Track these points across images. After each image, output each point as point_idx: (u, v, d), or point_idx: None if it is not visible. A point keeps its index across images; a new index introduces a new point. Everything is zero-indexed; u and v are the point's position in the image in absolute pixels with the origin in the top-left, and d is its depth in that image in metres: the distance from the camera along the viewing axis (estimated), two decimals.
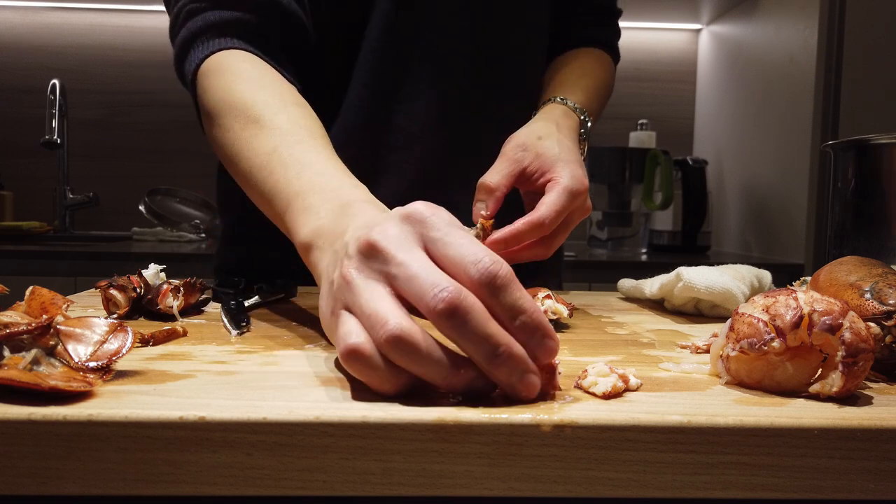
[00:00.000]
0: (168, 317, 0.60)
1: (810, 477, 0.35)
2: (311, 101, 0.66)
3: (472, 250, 0.37)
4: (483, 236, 0.63)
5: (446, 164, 0.84)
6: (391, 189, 0.83)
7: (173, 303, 0.60)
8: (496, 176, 0.68)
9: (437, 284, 0.35)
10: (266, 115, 0.58)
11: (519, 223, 0.64)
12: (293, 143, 0.55)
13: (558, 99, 0.80)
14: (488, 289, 0.36)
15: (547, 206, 0.64)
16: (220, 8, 0.66)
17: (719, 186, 2.20)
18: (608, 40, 0.98)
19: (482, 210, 0.67)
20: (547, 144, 0.69)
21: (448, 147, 0.84)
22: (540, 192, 0.68)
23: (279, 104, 0.59)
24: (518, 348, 0.36)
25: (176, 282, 0.62)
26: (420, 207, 0.39)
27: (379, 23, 0.80)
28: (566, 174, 0.67)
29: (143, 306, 0.61)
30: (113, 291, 0.60)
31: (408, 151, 0.83)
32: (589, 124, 0.79)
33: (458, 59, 0.84)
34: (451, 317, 0.35)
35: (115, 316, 0.60)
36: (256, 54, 0.66)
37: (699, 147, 2.36)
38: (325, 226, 0.46)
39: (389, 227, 0.39)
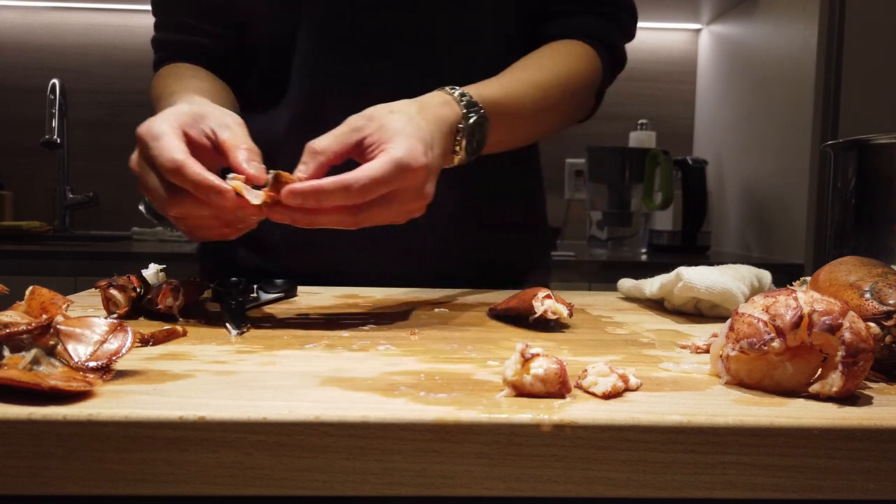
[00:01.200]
0: (168, 317, 0.60)
1: (810, 477, 0.35)
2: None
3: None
4: (275, 187, 0.56)
5: None
6: None
7: (173, 303, 0.60)
8: (327, 140, 0.60)
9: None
10: (166, 91, 0.79)
11: (325, 180, 0.56)
12: (170, 95, 0.75)
13: (447, 88, 0.70)
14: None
15: (362, 169, 0.56)
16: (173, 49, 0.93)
17: (719, 186, 2.20)
18: (599, 33, 0.87)
19: (300, 173, 0.58)
20: (394, 118, 0.61)
21: None
22: None
23: (175, 79, 0.82)
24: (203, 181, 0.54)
25: (176, 282, 0.62)
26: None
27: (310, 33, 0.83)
28: (400, 146, 0.58)
29: (143, 306, 0.61)
30: (113, 291, 0.60)
31: None
32: (472, 119, 0.68)
33: (393, 71, 0.83)
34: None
35: (115, 316, 0.60)
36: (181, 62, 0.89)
37: (699, 147, 2.36)
38: None
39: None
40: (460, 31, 0.85)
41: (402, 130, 0.60)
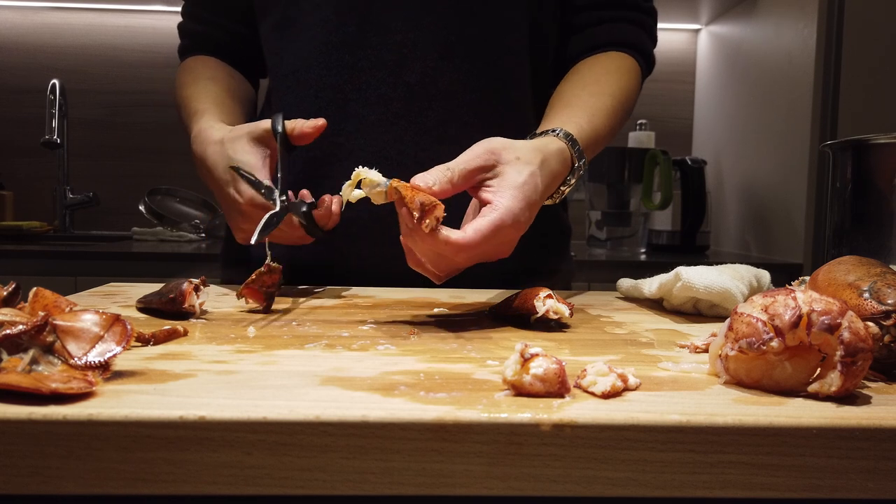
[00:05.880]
0: (181, 315, 0.61)
1: (809, 476, 0.35)
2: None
3: None
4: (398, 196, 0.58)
5: (409, 153, 0.83)
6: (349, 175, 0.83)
7: (196, 301, 0.61)
8: (459, 166, 0.62)
9: None
10: (184, 93, 0.89)
11: (445, 232, 0.58)
12: (189, 102, 0.86)
13: (562, 134, 0.72)
14: None
15: (467, 231, 0.59)
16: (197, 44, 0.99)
17: (718, 186, 2.20)
18: (638, 43, 0.89)
19: (428, 183, 0.59)
20: (516, 170, 0.63)
21: (409, 136, 0.84)
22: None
23: (192, 79, 0.90)
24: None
25: (198, 281, 0.62)
26: None
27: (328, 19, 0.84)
28: (507, 206, 0.60)
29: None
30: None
31: (364, 139, 0.84)
32: (581, 172, 0.73)
33: (419, 49, 0.83)
34: None
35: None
36: (206, 56, 0.97)
37: (698, 147, 2.36)
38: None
39: None
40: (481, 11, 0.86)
41: (520, 188, 0.62)
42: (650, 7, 0.93)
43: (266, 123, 0.74)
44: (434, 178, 0.59)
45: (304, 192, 0.75)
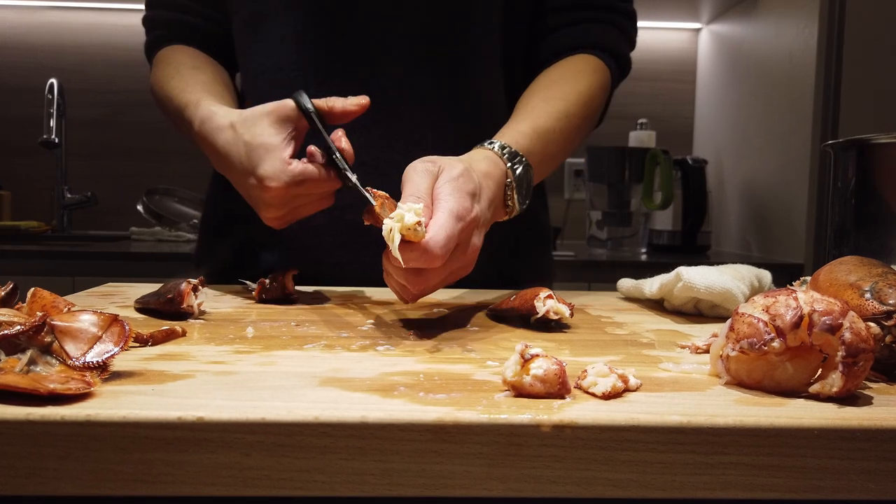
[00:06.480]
0: (181, 315, 0.60)
1: (810, 477, 0.35)
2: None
3: None
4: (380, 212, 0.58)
5: (384, 157, 0.82)
6: None
7: (194, 302, 0.60)
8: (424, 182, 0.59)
9: None
10: (169, 86, 0.86)
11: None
12: (178, 93, 0.83)
13: (485, 144, 0.70)
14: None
15: (434, 229, 0.54)
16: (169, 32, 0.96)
17: (719, 186, 2.20)
18: (608, 44, 0.87)
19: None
20: (450, 165, 0.61)
21: (383, 140, 0.83)
22: None
23: (174, 70, 0.87)
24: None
25: (196, 281, 0.62)
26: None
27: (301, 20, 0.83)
28: (450, 200, 0.57)
29: (172, 307, 0.61)
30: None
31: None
32: (518, 171, 0.69)
33: (393, 53, 0.82)
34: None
35: None
36: (181, 45, 0.93)
37: (699, 146, 2.36)
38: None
39: None
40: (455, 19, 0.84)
41: (455, 180, 0.59)
42: (627, 8, 0.90)
43: (291, 102, 0.70)
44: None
45: (312, 148, 0.70)
